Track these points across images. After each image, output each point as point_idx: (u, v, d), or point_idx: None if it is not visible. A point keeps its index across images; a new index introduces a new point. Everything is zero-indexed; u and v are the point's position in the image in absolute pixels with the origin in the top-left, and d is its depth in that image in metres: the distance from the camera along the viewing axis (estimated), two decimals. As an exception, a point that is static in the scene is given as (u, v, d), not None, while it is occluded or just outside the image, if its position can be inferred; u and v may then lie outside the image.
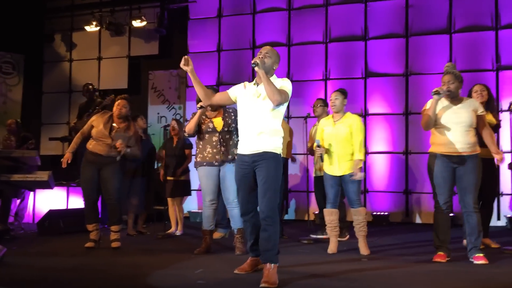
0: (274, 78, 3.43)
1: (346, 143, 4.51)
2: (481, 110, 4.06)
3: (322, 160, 4.58)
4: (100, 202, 5.09)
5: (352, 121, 4.54)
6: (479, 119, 4.04)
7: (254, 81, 3.48)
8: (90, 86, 7.48)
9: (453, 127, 4.00)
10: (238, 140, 4.67)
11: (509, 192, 6.87)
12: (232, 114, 4.57)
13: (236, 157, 3.57)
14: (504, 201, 6.90)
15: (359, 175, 4.45)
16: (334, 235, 4.61)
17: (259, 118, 3.35)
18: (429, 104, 4.10)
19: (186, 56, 3.41)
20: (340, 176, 4.55)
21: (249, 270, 3.52)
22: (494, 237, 5.07)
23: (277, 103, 3.29)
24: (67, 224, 6.10)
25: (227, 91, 3.57)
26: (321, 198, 5.69)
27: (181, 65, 3.39)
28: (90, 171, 4.79)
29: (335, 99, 4.58)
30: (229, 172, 4.43)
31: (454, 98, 4.07)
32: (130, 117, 5.01)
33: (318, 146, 4.52)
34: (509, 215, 6.80)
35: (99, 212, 4.95)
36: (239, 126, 3.49)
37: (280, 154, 3.38)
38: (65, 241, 5.46)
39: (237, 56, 8.48)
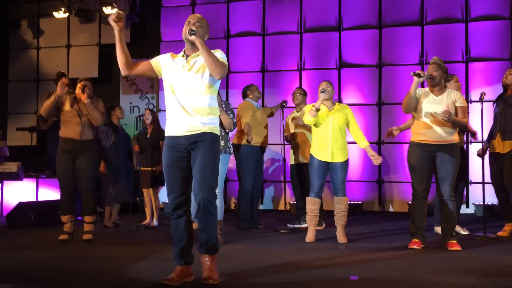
0: None
1: (342, 131, 4.61)
2: (459, 101, 4.16)
3: (318, 108, 4.53)
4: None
5: (346, 109, 4.68)
6: (458, 110, 4.13)
7: (182, 53, 3.05)
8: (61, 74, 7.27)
9: (433, 117, 4.08)
10: (225, 132, 4.63)
11: (479, 181, 7.08)
12: (223, 105, 4.51)
13: (165, 140, 3.05)
14: (473, 189, 7.11)
15: (380, 158, 4.54)
16: (313, 224, 4.66)
17: (193, 94, 2.95)
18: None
19: (120, 12, 2.94)
20: (328, 163, 4.60)
21: (177, 283, 2.93)
22: (464, 224, 5.23)
23: (220, 76, 2.92)
24: (38, 216, 5.93)
25: (150, 61, 3.08)
26: (298, 187, 5.73)
27: (111, 19, 2.89)
28: (65, 161, 4.65)
29: (327, 86, 4.62)
30: None
31: (437, 88, 4.15)
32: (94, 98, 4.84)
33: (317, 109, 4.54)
34: (477, 203, 7.02)
35: (75, 203, 4.83)
36: (166, 104, 3.05)
37: (218, 134, 3.02)
38: (36, 233, 5.31)
39: (211, 46, 8.19)
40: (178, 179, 2.96)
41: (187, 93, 2.96)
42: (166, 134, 3.05)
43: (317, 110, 4.54)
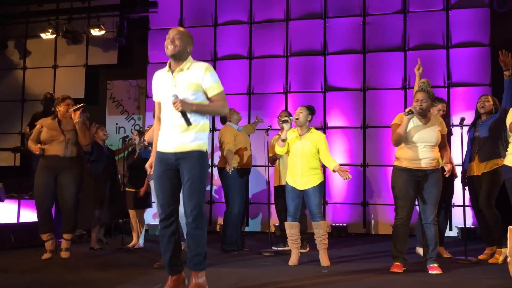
0: (190, 61, 3.11)
1: (311, 157, 4.59)
2: (444, 130, 4.25)
3: (283, 139, 4.58)
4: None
5: (318, 138, 4.62)
6: (442, 138, 4.22)
7: (167, 68, 3.13)
8: (49, 95, 7.29)
9: (421, 145, 4.13)
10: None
11: (461, 204, 7.15)
12: None
13: (156, 155, 3.14)
14: (457, 212, 7.18)
15: (348, 175, 4.41)
16: (295, 247, 4.65)
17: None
18: (397, 119, 4.20)
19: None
20: (301, 190, 4.60)
21: None
22: (447, 247, 5.27)
23: (226, 113, 3.28)
24: (19, 238, 5.83)
25: (154, 100, 3.24)
26: (282, 209, 5.74)
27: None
28: (45, 177, 4.59)
29: (299, 112, 4.64)
30: None
31: (424, 116, 4.20)
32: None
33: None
34: (460, 226, 7.08)
35: (53, 220, 4.76)
36: (161, 119, 3.16)
37: (205, 151, 3.11)
38: (16, 256, 5.21)
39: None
40: (166, 190, 3.05)
41: (174, 109, 2.99)
42: (157, 149, 3.13)
43: (283, 140, 4.57)
